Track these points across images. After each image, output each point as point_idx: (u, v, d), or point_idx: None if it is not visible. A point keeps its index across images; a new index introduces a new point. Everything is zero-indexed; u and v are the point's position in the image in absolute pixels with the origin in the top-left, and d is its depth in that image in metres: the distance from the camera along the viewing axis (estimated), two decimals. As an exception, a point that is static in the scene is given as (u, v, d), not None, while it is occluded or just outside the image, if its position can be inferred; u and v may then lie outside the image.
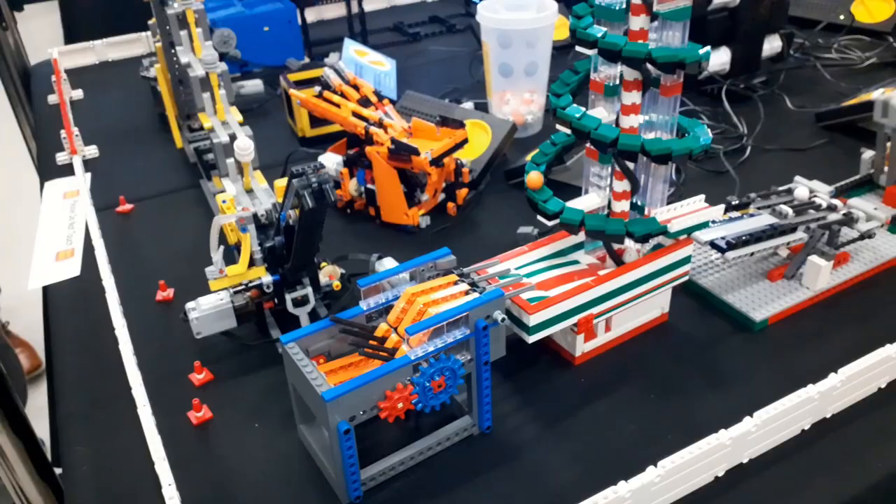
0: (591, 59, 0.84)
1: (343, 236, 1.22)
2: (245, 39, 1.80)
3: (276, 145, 1.48)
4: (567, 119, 0.82)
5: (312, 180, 0.74)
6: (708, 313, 1.00)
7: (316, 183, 0.73)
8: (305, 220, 0.79)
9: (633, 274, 0.89)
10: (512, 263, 0.92)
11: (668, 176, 0.89)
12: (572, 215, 0.85)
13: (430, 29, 2.12)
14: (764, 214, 1.04)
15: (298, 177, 0.75)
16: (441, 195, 1.25)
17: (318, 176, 0.74)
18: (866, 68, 1.70)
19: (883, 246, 1.08)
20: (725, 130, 1.45)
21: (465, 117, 1.40)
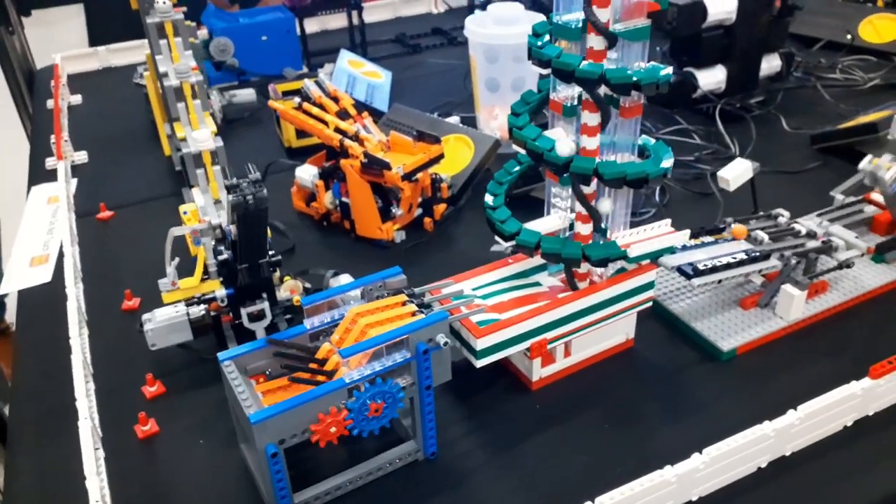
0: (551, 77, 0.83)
1: (317, 249, 1.21)
2: (243, 48, 1.81)
3: (263, 155, 1.48)
4: (522, 140, 0.81)
5: (247, 194, 0.73)
6: (676, 340, 0.97)
7: (251, 197, 0.72)
8: (243, 234, 0.78)
9: (591, 298, 0.87)
10: (469, 284, 0.90)
11: (630, 199, 0.87)
12: (528, 237, 0.83)
13: (431, 41, 2.11)
14: (739, 240, 1.01)
15: (233, 191, 0.74)
16: (418, 210, 1.23)
17: (253, 189, 0.73)
18: (869, 90, 1.65)
19: (864, 275, 1.04)
20: (717, 151, 1.42)
21: (450, 132, 1.39)
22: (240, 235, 0.78)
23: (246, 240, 0.79)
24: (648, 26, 0.75)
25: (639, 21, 0.75)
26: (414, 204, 1.21)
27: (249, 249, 0.81)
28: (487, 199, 0.89)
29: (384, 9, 2.33)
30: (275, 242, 1.20)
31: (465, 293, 0.87)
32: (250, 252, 0.82)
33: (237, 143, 1.59)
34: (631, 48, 0.76)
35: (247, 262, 0.82)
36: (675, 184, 1.31)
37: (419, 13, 2.36)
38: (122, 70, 2.00)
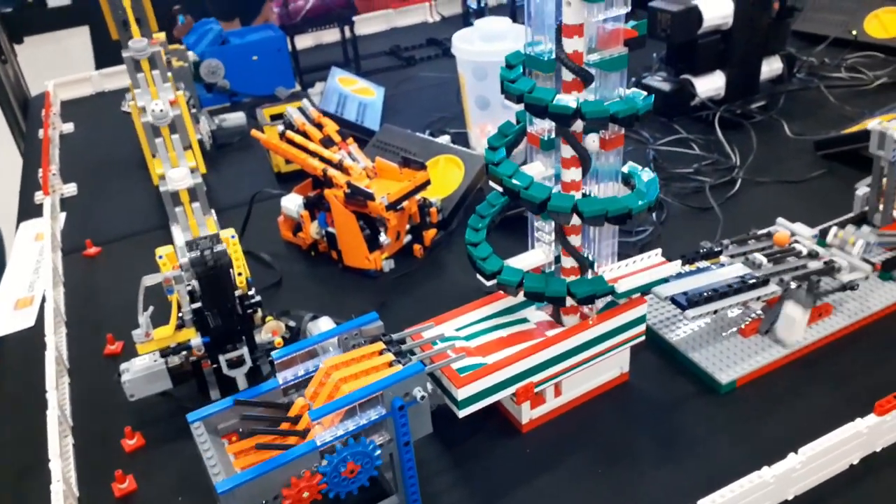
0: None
1: (304, 281, 1.18)
2: (234, 69, 1.79)
3: (252, 181, 1.46)
4: (497, 177, 0.77)
5: (206, 256, 0.70)
6: (673, 372, 0.93)
7: (209, 254, 0.69)
8: (206, 291, 0.75)
9: (579, 337, 0.83)
10: (452, 324, 0.87)
11: (616, 230, 0.83)
12: (510, 276, 0.80)
13: (425, 52, 2.08)
14: (736, 264, 0.96)
15: (192, 250, 0.71)
16: (407, 237, 1.20)
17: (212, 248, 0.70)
18: (876, 88, 1.60)
19: (871, 295, 0.99)
20: (716, 161, 1.37)
21: (440, 152, 1.36)
22: (203, 293, 0.75)
23: (210, 297, 0.76)
24: (626, 55, 0.71)
25: (615, 50, 0.71)
26: (402, 231, 1.17)
27: (215, 305, 0.78)
28: (468, 234, 0.86)
29: (378, 20, 2.30)
30: (261, 274, 1.18)
31: (447, 335, 0.83)
32: (217, 307, 0.79)
33: (226, 168, 1.57)
34: (609, 77, 0.73)
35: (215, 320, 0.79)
36: (673, 199, 1.27)
37: (414, 23, 2.32)
38: (116, 95, 1.98)
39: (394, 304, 1.09)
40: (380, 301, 1.09)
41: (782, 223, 1.06)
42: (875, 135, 1.03)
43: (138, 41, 1.12)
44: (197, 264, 0.70)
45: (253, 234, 1.30)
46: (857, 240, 1.02)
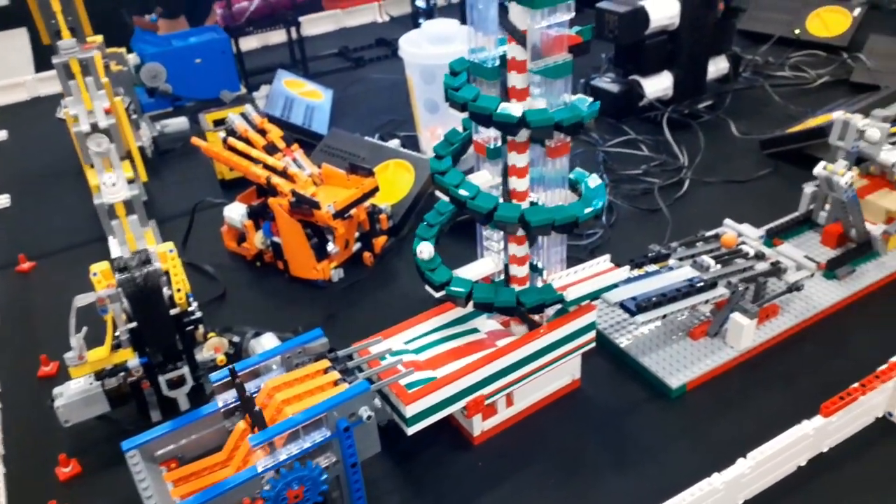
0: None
1: (249, 293, 1.14)
2: (176, 73, 1.73)
3: (195, 189, 1.41)
4: (444, 187, 0.75)
5: (136, 276, 0.67)
6: (624, 377, 0.93)
7: (140, 279, 0.66)
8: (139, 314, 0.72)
9: (530, 347, 0.82)
10: (401, 337, 0.85)
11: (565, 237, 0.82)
12: (459, 287, 0.78)
13: (375, 53, 2.05)
14: (685, 267, 0.96)
15: (122, 271, 0.67)
16: (356, 245, 1.17)
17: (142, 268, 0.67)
18: (819, 87, 1.62)
19: (816, 294, 1.00)
20: (665, 162, 1.38)
21: (390, 157, 1.34)
22: (136, 316, 0.71)
23: (143, 319, 0.73)
24: (570, 62, 0.70)
25: (559, 57, 0.70)
26: (350, 240, 1.15)
27: (149, 326, 0.75)
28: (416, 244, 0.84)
29: (326, 20, 2.26)
30: (204, 287, 1.14)
31: (395, 349, 0.81)
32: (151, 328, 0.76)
33: (169, 176, 1.52)
34: (554, 84, 0.71)
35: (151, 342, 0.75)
36: (623, 201, 1.27)
37: (363, 23, 2.29)
38: (52, 100, 1.91)
39: (343, 316, 1.07)
40: (328, 313, 1.07)
41: (729, 224, 1.07)
42: (838, 124, 1.04)
43: (68, 42, 1.07)
44: (126, 285, 0.67)
45: (196, 244, 1.26)
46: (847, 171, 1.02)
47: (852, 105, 1.39)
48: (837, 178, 1.01)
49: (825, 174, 1.03)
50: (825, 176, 1.03)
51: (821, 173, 1.04)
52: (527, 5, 0.66)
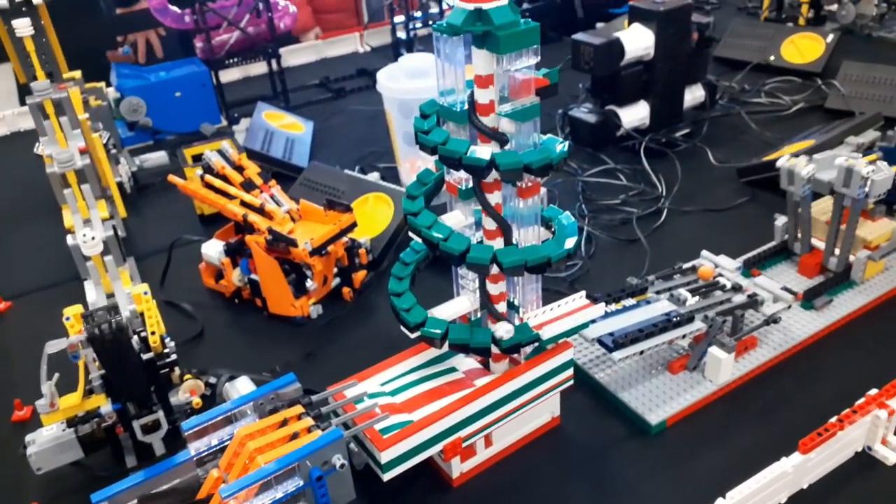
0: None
1: (227, 332, 1.13)
2: (156, 106, 1.74)
3: (175, 225, 1.41)
4: (416, 228, 0.75)
5: (104, 330, 0.66)
6: (604, 413, 0.92)
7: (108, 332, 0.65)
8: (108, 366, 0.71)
9: (508, 386, 0.81)
10: (379, 378, 0.84)
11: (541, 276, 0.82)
12: (434, 328, 0.78)
13: (356, 83, 2.06)
14: (662, 300, 0.96)
15: (88, 323, 0.67)
16: (335, 280, 1.17)
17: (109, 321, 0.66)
18: (794, 113, 1.64)
19: (794, 325, 1.01)
20: (643, 191, 1.38)
21: (369, 190, 1.34)
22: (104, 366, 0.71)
23: (111, 371, 0.72)
24: (538, 105, 0.70)
25: (527, 100, 0.70)
26: (329, 276, 1.14)
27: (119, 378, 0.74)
28: (392, 284, 0.84)
29: (308, 51, 2.28)
30: (182, 326, 1.13)
31: (372, 392, 0.81)
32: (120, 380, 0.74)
33: (148, 211, 1.51)
34: (522, 127, 0.71)
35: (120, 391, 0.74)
36: (602, 232, 1.27)
37: (344, 53, 2.31)
38: (32, 135, 1.90)
39: (321, 354, 1.06)
40: (306, 351, 1.06)
41: (706, 256, 1.07)
42: (784, 172, 1.05)
43: (41, 83, 1.07)
44: (94, 339, 0.66)
45: (175, 282, 1.25)
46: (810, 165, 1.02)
47: (827, 132, 1.41)
48: (799, 169, 1.01)
49: (787, 166, 1.03)
50: (787, 167, 1.03)
51: (783, 165, 1.04)
52: (492, 50, 0.66)
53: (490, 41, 0.66)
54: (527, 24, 0.66)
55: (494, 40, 0.66)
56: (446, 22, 0.67)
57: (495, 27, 0.65)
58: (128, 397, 0.80)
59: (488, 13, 0.65)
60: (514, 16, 0.66)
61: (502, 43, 0.65)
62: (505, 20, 0.65)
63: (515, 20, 0.66)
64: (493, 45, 0.66)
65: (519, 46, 0.66)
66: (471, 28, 0.66)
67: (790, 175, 1.04)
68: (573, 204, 1.35)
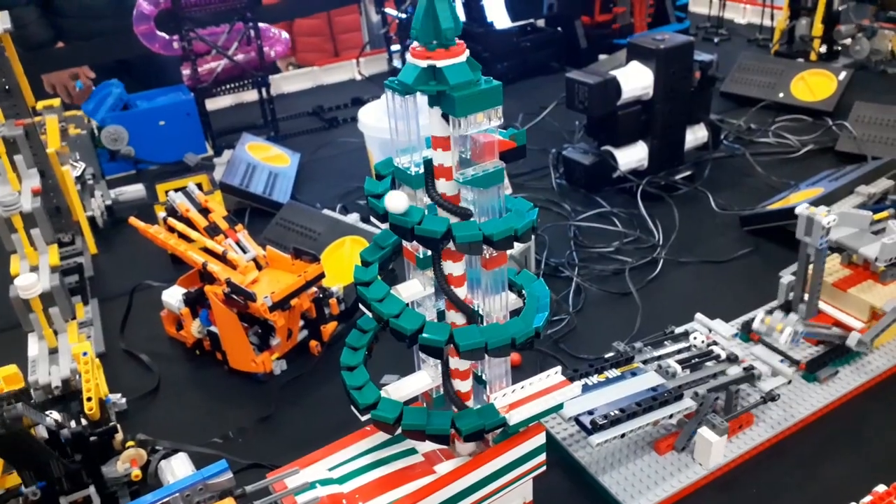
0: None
1: (184, 387, 1.06)
2: (139, 135, 1.68)
3: (147, 264, 1.34)
4: (366, 301, 0.67)
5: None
6: (583, 497, 0.84)
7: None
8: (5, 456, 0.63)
9: (473, 476, 0.73)
10: (326, 463, 0.76)
11: (509, 354, 0.73)
12: (387, 412, 0.70)
13: (349, 113, 1.99)
14: (650, 372, 0.88)
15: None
16: (302, 333, 1.09)
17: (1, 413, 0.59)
18: (803, 156, 1.56)
19: (795, 400, 0.92)
20: (638, 238, 1.30)
21: (347, 232, 1.27)
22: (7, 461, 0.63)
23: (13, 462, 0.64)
24: (501, 170, 0.63)
25: (490, 164, 0.62)
26: (294, 329, 1.07)
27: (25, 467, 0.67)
28: (344, 355, 0.76)
29: (303, 78, 2.22)
30: (139, 378, 1.06)
31: (318, 478, 0.73)
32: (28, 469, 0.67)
33: (120, 248, 1.45)
34: (485, 193, 0.64)
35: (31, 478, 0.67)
36: (591, 284, 1.19)
37: (340, 80, 2.25)
38: None
39: (281, 416, 0.98)
40: (265, 414, 0.98)
41: (700, 320, 0.99)
42: (802, 220, 0.96)
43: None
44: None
45: (137, 328, 1.18)
46: (785, 328, 0.95)
47: (837, 178, 1.33)
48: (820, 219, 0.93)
49: (807, 213, 0.94)
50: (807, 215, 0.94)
51: (803, 212, 0.96)
52: (448, 112, 0.59)
53: (445, 102, 0.59)
54: (488, 84, 0.59)
55: (450, 101, 0.58)
56: (398, 79, 0.60)
57: (450, 87, 0.57)
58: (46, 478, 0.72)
59: (443, 71, 0.57)
60: (472, 74, 0.58)
61: (458, 105, 0.58)
62: (461, 79, 0.58)
63: (474, 79, 0.58)
64: (448, 107, 0.59)
65: (478, 108, 0.59)
66: (424, 87, 0.58)
67: (809, 224, 0.94)
68: (564, 250, 1.27)
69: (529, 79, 2.07)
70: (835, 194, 1.22)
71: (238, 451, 0.91)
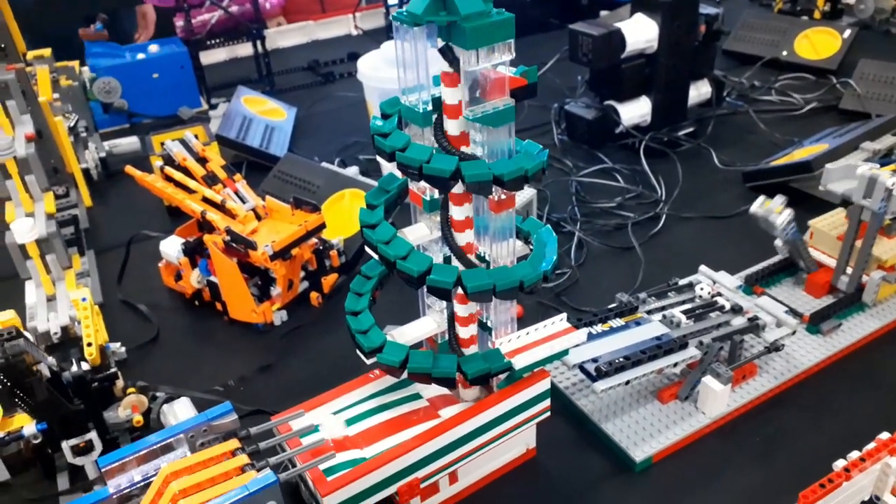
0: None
1: (184, 337, 1.05)
2: (133, 88, 1.64)
3: (143, 216, 1.32)
4: (372, 244, 0.66)
5: None
6: (586, 445, 0.84)
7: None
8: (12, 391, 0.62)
9: (477, 420, 0.73)
10: (332, 406, 0.75)
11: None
12: (392, 355, 0.69)
13: (346, 68, 1.96)
14: (654, 321, 0.88)
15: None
16: (303, 284, 1.08)
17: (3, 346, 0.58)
18: (806, 113, 1.54)
19: (798, 352, 0.92)
20: (641, 194, 1.29)
21: (347, 185, 1.25)
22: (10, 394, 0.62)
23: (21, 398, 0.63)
24: (512, 108, 0.61)
25: (500, 102, 0.61)
26: (295, 280, 1.06)
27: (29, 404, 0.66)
28: (349, 301, 0.75)
29: (298, 33, 2.18)
30: (139, 328, 1.05)
31: (323, 421, 0.72)
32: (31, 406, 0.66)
33: (115, 200, 1.43)
34: (495, 132, 0.62)
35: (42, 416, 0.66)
36: (594, 238, 1.18)
37: (336, 35, 2.21)
38: None
39: (281, 366, 0.97)
40: (266, 363, 0.97)
41: (704, 272, 0.98)
42: (863, 181, 0.90)
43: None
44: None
45: (134, 280, 1.17)
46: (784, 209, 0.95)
47: (841, 135, 1.31)
48: (774, 217, 0.93)
49: (762, 212, 0.95)
50: (761, 214, 0.95)
51: (757, 211, 0.96)
52: (459, 44, 0.57)
53: (456, 34, 0.57)
54: (500, 15, 0.57)
55: (461, 33, 0.56)
56: (406, 10, 0.58)
57: (461, 17, 0.56)
58: (48, 420, 0.72)
59: (454, 1, 0.55)
60: (483, 5, 0.56)
61: (469, 36, 0.56)
62: (473, 10, 0.56)
63: (486, 10, 0.57)
64: (459, 39, 0.57)
65: (490, 41, 0.57)
66: (434, 17, 0.57)
67: (871, 185, 0.90)
68: (566, 206, 1.26)
69: (529, 36, 2.03)
70: (839, 150, 1.21)
71: (240, 399, 0.90)
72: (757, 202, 0.95)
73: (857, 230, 0.94)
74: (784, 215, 0.94)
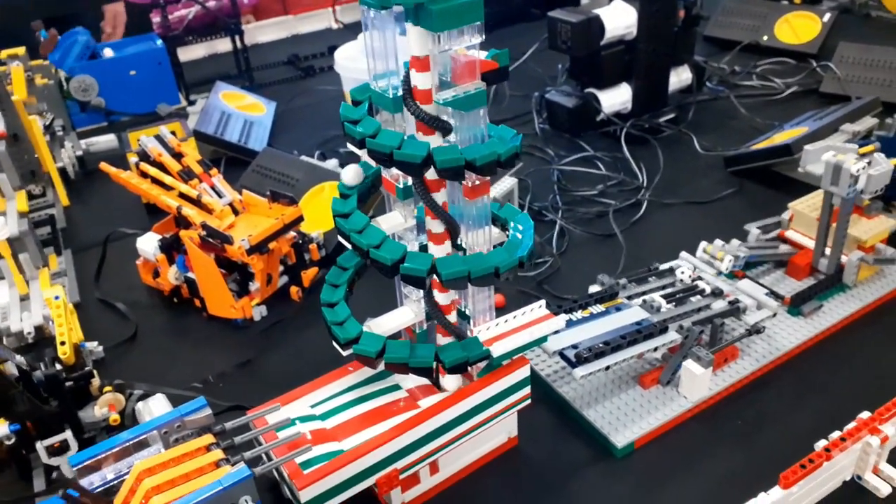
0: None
1: (163, 335, 1.04)
2: (110, 86, 1.62)
3: (119, 214, 1.30)
4: (345, 233, 0.65)
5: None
6: (567, 432, 0.83)
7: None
8: None
9: (457, 409, 0.72)
10: (308, 399, 0.75)
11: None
12: (369, 346, 0.68)
13: (326, 62, 1.94)
14: (634, 307, 0.87)
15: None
16: (282, 278, 1.07)
17: None
18: (787, 97, 1.54)
19: (780, 334, 0.91)
20: (622, 181, 1.28)
21: (326, 178, 1.24)
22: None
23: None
24: (483, 91, 0.60)
25: (471, 86, 0.60)
26: (274, 274, 1.05)
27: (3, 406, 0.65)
28: (325, 292, 0.74)
29: (277, 27, 2.16)
30: (116, 327, 1.04)
31: (299, 415, 0.71)
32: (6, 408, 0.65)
33: (92, 198, 1.41)
34: (467, 117, 0.62)
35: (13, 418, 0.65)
36: (576, 226, 1.18)
37: (316, 29, 2.19)
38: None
39: (261, 362, 0.97)
40: (245, 358, 0.96)
41: (685, 258, 0.98)
42: (828, 168, 0.90)
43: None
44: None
45: (112, 278, 1.15)
46: (726, 255, 0.95)
47: (821, 117, 1.31)
48: (718, 264, 0.95)
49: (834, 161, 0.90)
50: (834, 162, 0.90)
51: (702, 256, 0.98)
52: (426, 27, 0.56)
53: (423, 16, 0.56)
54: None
55: (428, 15, 0.55)
56: (373, -9, 0.57)
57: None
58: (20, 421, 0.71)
59: (419, -18, 0.55)
60: (450, -15, 0.56)
61: (437, 18, 0.55)
62: (440, -9, 0.55)
63: (453, -9, 0.56)
64: (426, 21, 0.56)
65: (458, 23, 0.56)
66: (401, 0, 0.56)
67: (836, 172, 0.89)
68: (547, 195, 1.25)
69: (510, 26, 2.03)
70: (819, 133, 1.21)
71: (218, 395, 0.89)
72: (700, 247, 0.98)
73: (831, 214, 0.94)
74: (725, 262, 0.95)
